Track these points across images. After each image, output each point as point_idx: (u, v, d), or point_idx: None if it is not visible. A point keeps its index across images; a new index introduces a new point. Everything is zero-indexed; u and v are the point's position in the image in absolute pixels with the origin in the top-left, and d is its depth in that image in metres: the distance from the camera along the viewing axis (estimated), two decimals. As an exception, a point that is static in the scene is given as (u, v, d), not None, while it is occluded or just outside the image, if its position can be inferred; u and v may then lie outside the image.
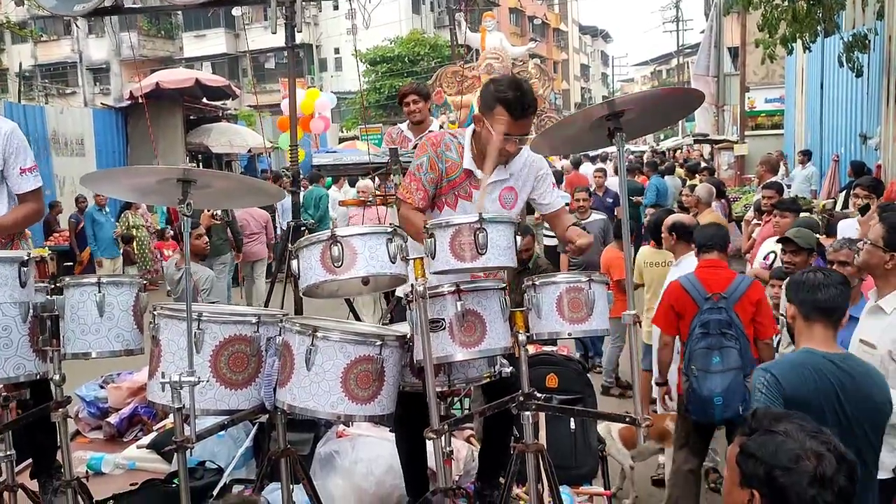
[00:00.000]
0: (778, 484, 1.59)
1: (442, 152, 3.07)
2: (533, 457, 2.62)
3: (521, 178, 3.13)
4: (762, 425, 1.68)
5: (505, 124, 2.87)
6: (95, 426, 4.32)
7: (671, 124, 13.65)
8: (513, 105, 2.84)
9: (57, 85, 38.40)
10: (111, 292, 2.72)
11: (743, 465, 1.65)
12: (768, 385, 2.70)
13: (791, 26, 9.88)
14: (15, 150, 3.47)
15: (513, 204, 3.11)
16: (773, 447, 1.62)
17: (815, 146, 14.72)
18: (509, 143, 2.90)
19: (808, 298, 2.78)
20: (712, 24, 22.91)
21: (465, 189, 3.06)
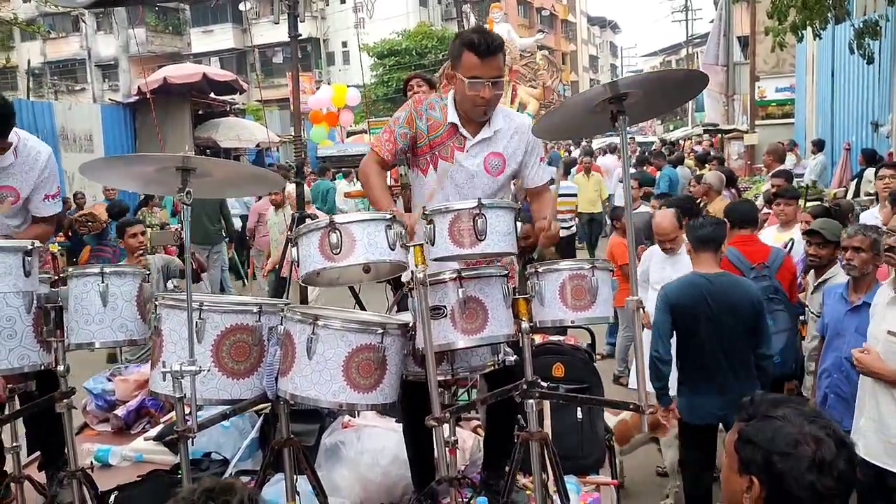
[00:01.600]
0: (776, 469, 1.56)
1: (424, 110, 3.06)
2: (537, 445, 2.60)
3: (510, 143, 3.08)
4: (760, 411, 1.65)
5: (473, 67, 2.85)
6: (103, 419, 4.33)
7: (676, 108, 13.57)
8: (476, 44, 2.83)
9: (66, 82, 38.59)
10: (114, 282, 2.73)
11: (741, 452, 1.63)
12: (662, 299, 4.05)
13: (801, 13, 9.78)
14: (46, 179, 3.51)
15: (499, 171, 3.06)
16: (771, 432, 1.59)
17: (826, 135, 14.60)
18: (482, 87, 2.87)
19: (694, 235, 4.13)
20: (721, 12, 22.73)
21: (447, 149, 3.04)
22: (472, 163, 3.03)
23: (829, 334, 4.02)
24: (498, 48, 2.88)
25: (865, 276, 3.88)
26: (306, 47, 38.38)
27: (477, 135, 3.03)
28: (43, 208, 3.54)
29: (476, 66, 2.87)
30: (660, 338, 3.99)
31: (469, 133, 3.04)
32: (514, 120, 3.13)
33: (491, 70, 2.88)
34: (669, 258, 5.19)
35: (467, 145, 3.04)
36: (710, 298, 3.94)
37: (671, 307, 3.97)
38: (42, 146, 3.55)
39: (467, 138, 3.03)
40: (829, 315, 4.07)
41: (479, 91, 2.89)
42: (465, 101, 2.97)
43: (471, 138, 3.04)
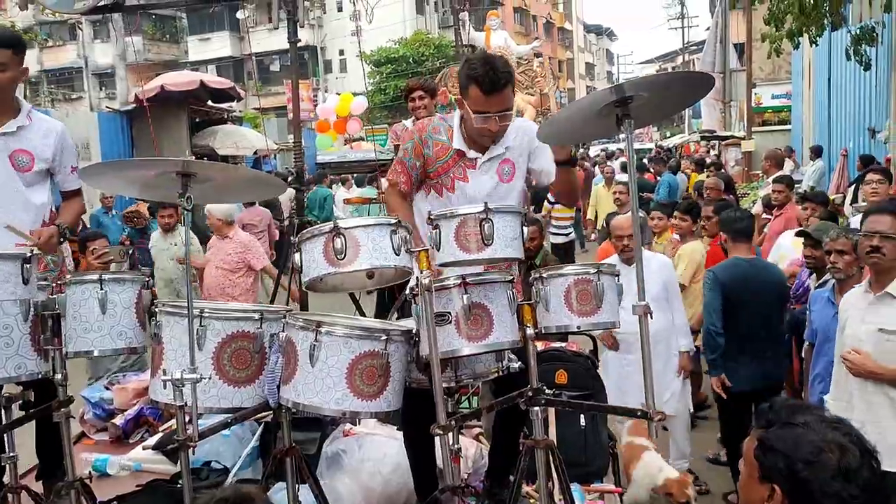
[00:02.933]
0: (800, 478, 1.53)
1: (428, 137, 3.04)
2: (543, 453, 2.57)
3: (516, 149, 3.06)
4: (780, 418, 1.62)
5: (479, 102, 2.82)
6: (101, 428, 4.29)
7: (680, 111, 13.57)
8: (483, 81, 2.79)
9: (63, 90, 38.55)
10: (113, 289, 2.69)
11: (762, 459, 1.59)
12: (711, 278, 4.67)
13: (798, 20, 9.80)
14: (67, 150, 3.58)
15: (510, 177, 3.04)
16: (793, 440, 1.56)
17: (824, 141, 14.62)
18: (489, 121, 2.84)
19: (731, 227, 4.87)
20: (718, 19, 22.78)
21: (460, 170, 3.02)
22: (485, 177, 3.02)
23: (819, 339, 4.01)
24: (505, 84, 2.82)
25: (851, 278, 3.88)
26: (304, 55, 38.42)
27: (486, 152, 3.01)
28: (72, 181, 3.59)
29: (482, 101, 2.83)
30: (713, 312, 4.60)
31: (478, 153, 3.02)
32: (522, 127, 3.11)
33: (497, 105, 2.84)
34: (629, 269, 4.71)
35: (478, 163, 3.02)
36: (750, 278, 4.67)
37: (721, 284, 4.60)
38: (57, 122, 3.66)
39: (477, 158, 3.02)
40: (817, 321, 4.06)
41: (486, 125, 2.86)
42: (472, 130, 2.96)
43: (481, 157, 3.02)
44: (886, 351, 3.20)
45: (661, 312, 4.58)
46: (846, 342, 3.39)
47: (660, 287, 4.67)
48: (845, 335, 3.42)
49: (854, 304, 3.41)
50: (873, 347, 3.25)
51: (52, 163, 3.52)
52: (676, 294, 4.95)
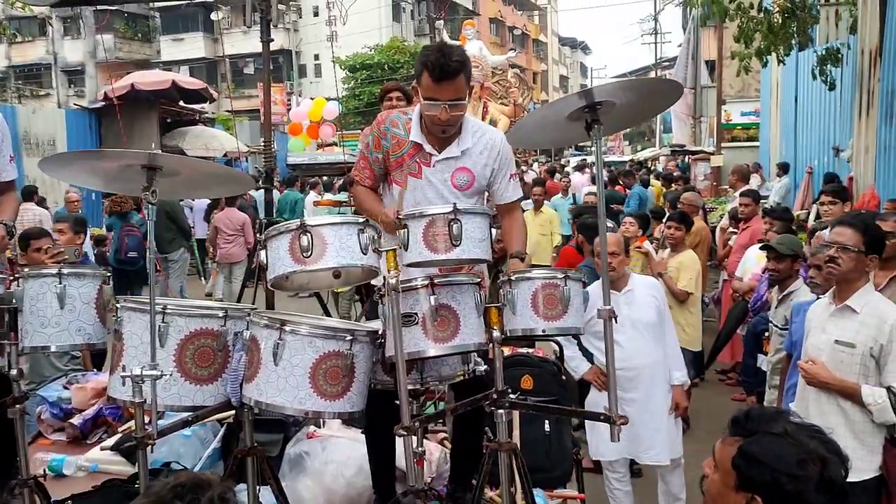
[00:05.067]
0: (785, 490, 1.53)
1: (387, 129, 3.03)
2: (506, 456, 2.56)
3: (479, 158, 3.03)
4: (759, 426, 1.62)
5: (429, 89, 2.81)
6: (58, 427, 4.19)
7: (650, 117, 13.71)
8: (433, 66, 2.78)
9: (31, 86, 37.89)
10: (73, 284, 2.63)
11: (744, 469, 1.59)
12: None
13: (766, 39, 9.99)
14: (6, 137, 3.48)
15: (467, 186, 3.01)
16: (777, 451, 1.57)
17: (790, 158, 14.88)
18: (438, 109, 2.82)
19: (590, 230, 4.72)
20: (690, 36, 23.16)
21: (414, 165, 3.00)
22: (438, 178, 3.00)
23: (798, 353, 4.05)
24: (455, 72, 2.79)
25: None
26: (278, 59, 38.21)
27: (443, 151, 2.99)
28: (9, 170, 3.50)
29: (432, 88, 2.82)
30: None
31: (434, 150, 2.99)
32: (486, 135, 3.08)
33: (447, 93, 2.81)
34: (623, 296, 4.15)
35: (433, 161, 3.00)
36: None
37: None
38: None
39: (433, 154, 2.99)
40: (797, 332, 4.10)
41: (436, 112, 2.84)
42: (426, 119, 2.95)
43: (436, 154, 3.00)
44: (839, 362, 3.26)
45: (657, 343, 4.13)
46: (808, 351, 3.44)
47: (655, 313, 4.17)
48: (807, 344, 3.47)
49: (818, 314, 3.47)
50: (828, 358, 3.30)
51: None
52: (668, 319, 4.34)
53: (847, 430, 3.19)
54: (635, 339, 4.04)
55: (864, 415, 3.19)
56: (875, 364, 3.19)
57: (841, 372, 3.25)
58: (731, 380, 7.33)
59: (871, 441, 3.19)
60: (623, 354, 4.04)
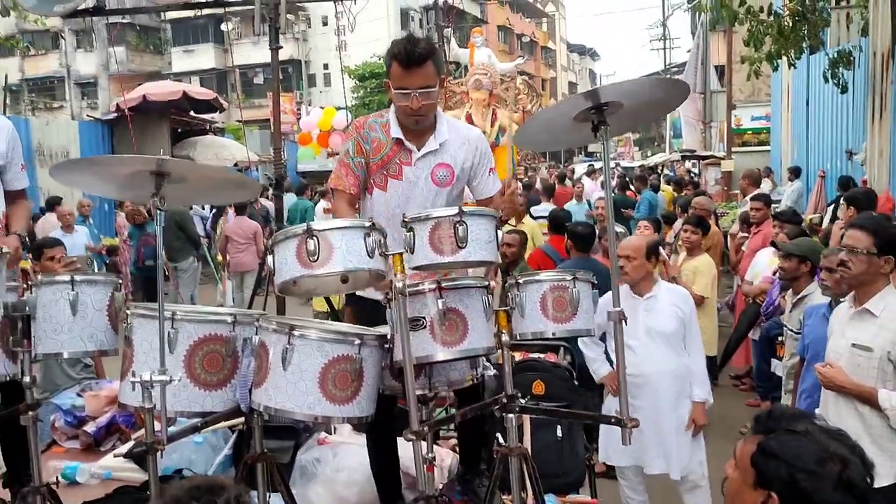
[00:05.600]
0: (800, 487, 1.51)
1: (366, 134, 3.04)
2: (517, 461, 2.55)
3: (458, 152, 3.05)
4: (780, 425, 1.60)
5: (398, 77, 2.83)
6: (72, 435, 4.21)
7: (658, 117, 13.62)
8: (400, 55, 2.81)
9: (44, 99, 38.25)
10: (85, 291, 2.65)
11: (762, 465, 1.57)
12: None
13: (777, 42, 9.95)
14: (17, 145, 3.53)
15: (448, 181, 3.03)
16: (796, 448, 1.54)
17: (802, 162, 14.80)
18: (409, 98, 2.84)
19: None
20: (699, 41, 23.10)
21: (394, 167, 3.01)
22: (419, 175, 3.02)
23: (810, 355, 4.02)
24: (424, 57, 2.83)
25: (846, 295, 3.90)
26: (288, 69, 38.41)
27: (422, 147, 3.01)
28: (21, 178, 3.55)
29: (401, 77, 2.84)
30: None
31: (414, 146, 3.01)
32: (462, 131, 3.11)
33: (417, 80, 2.84)
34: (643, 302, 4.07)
35: (413, 158, 3.02)
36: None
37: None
38: (3, 118, 3.62)
39: (412, 151, 3.01)
40: (810, 335, 4.08)
41: (407, 102, 2.86)
42: (398, 112, 2.97)
43: (416, 151, 3.02)
44: (857, 366, 3.22)
45: (675, 353, 4.02)
46: (828, 355, 3.41)
47: (676, 323, 4.03)
48: (828, 348, 3.45)
49: (840, 318, 3.44)
50: (846, 362, 3.27)
51: (5, 158, 3.45)
52: (694, 333, 4.13)
53: (865, 435, 3.15)
54: (648, 346, 3.99)
55: (881, 420, 3.14)
56: (893, 368, 3.15)
57: (858, 376, 3.21)
58: (745, 385, 7.28)
59: (889, 447, 3.13)
60: (634, 360, 4.01)
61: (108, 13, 4.59)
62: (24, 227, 3.53)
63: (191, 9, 5.47)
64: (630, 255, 4.06)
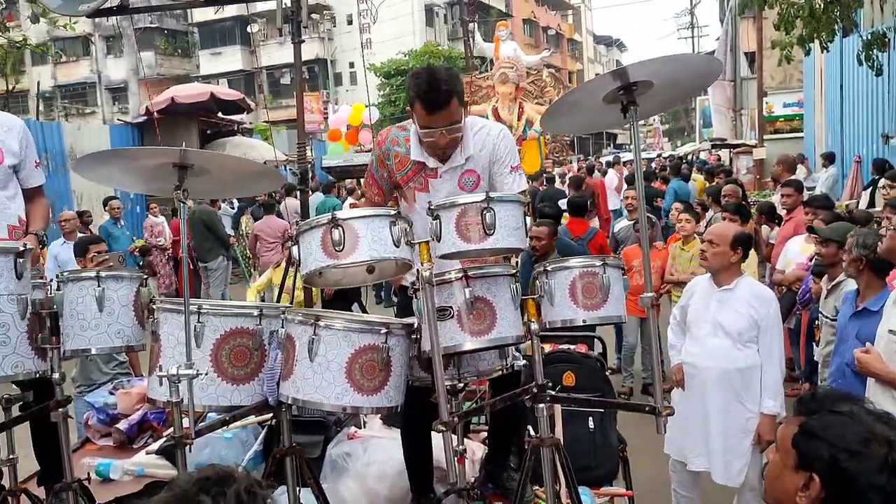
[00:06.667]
0: (842, 468, 1.45)
1: (388, 149, 3.05)
2: (549, 452, 2.50)
3: (481, 156, 3.02)
4: (824, 406, 1.53)
5: (423, 118, 2.82)
6: (105, 433, 4.25)
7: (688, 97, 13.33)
8: (423, 100, 2.78)
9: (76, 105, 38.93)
10: (111, 286, 2.65)
11: (803, 446, 1.51)
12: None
13: (808, 25, 9.72)
14: (30, 145, 3.55)
15: (474, 185, 3.00)
16: (839, 429, 1.48)
17: (836, 147, 14.51)
18: (435, 135, 2.83)
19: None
20: (728, 28, 22.75)
21: (420, 181, 3.01)
22: (446, 186, 3.00)
23: (837, 339, 3.97)
24: (447, 101, 2.79)
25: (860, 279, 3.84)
26: (314, 68, 38.66)
27: (447, 162, 2.99)
28: (37, 176, 3.57)
29: (426, 118, 2.83)
30: None
31: (439, 163, 2.99)
32: (483, 130, 3.06)
33: (442, 120, 2.82)
34: (718, 293, 3.91)
35: (439, 172, 3.00)
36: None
37: None
38: (11, 117, 3.60)
39: (438, 167, 2.99)
40: (841, 319, 4.02)
41: (434, 139, 2.86)
42: (424, 145, 2.95)
43: (442, 166, 2.99)
44: (893, 352, 3.15)
45: (739, 353, 3.80)
46: (876, 341, 3.34)
47: (745, 322, 3.80)
48: (878, 333, 3.37)
49: (888, 303, 3.36)
50: (884, 348, 3.20)
51: (19, 157, 3.46)
52: (772, 341, 3.83)
53: None
54: (709, 339, 3.86)
55: None
56: None
57: (893, 362, 3.13)
58: (783, 376, 7.12)
59: None
60: (693, 349, 3.93)
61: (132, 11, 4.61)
62: (42, 226, 3.54)
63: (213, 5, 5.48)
64: (713, 241, 3.89)
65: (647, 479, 4.83)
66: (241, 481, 1.25)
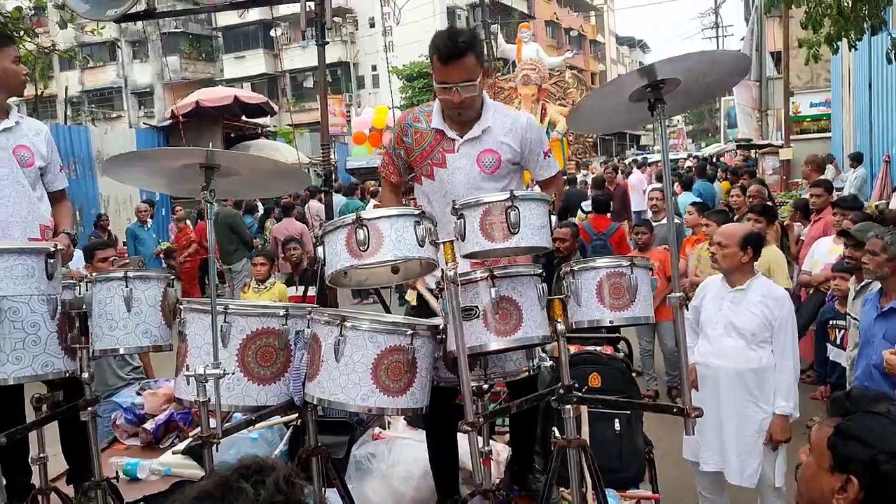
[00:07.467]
0: (882, 470, 1.42)
1: (408, 125, 3.06)
2: (575, 453, 2.47)
3: (505, 139, 3.00)
4: (859, 406, 1.50)
5: (440, 72, 2.81)
6: (133, 433, 4.29)
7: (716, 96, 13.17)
8: (440, 49, 2.78)
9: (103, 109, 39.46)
10: (138, 287, 2.67)
11: (840, 448, 1.48)
12: None
13: (836, 23, 9.57)
14: (55, 148, 3.62)
15: (495, 167, 2.97)
16: (878, 430, 1.45)
17: (865, 147, 14.28)
18: (450, 92, 2.82)
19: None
20: (753, 27, 22.52)
21: (438, 155, 2.99)
22: (464, 163, 2.98)
23: (861, 341, 3.91)
24: (463, 51, 2.78)
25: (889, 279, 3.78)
26: (336, 71, 38.83)
27: (465, 134, 2.98)
28: (62, 179, 3.64)
29: (442, 71, 2.82)
30: None
31: (457, 134, 2.98)
32: (509, 117, 3.05)
33: (457, 74, 2.81)
34: (731, 293, 3.88)
35: (456, 146, 2.98)
36: None
37: None
38: (35, 121, 3.68)
39: (455, 140, 2.98)
40: (862, 323, 3.96)
41: (449, 95, 2.85)
42: (442, 104, 2.95)
43: (459, 139, 2.98)
44: None
45: (752, 353, 3.77)
46: None
47: (759, 322, 3.76)
48: None
49: None
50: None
51: (46, 160, 3.53)
52: (786, 341, 3.79)
53: None
54: (722, 338, 3.83)
55: None
56: None
57: None
58: (809, 378, 7.03)
59: None
60: (706, 349, 3.90)
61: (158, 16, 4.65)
62: (69, 225, 3.60)
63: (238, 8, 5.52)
64: (722, 243, 3.87)
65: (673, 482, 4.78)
66: (280, 470, 1.26)
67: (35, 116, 3.75)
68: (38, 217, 3.43)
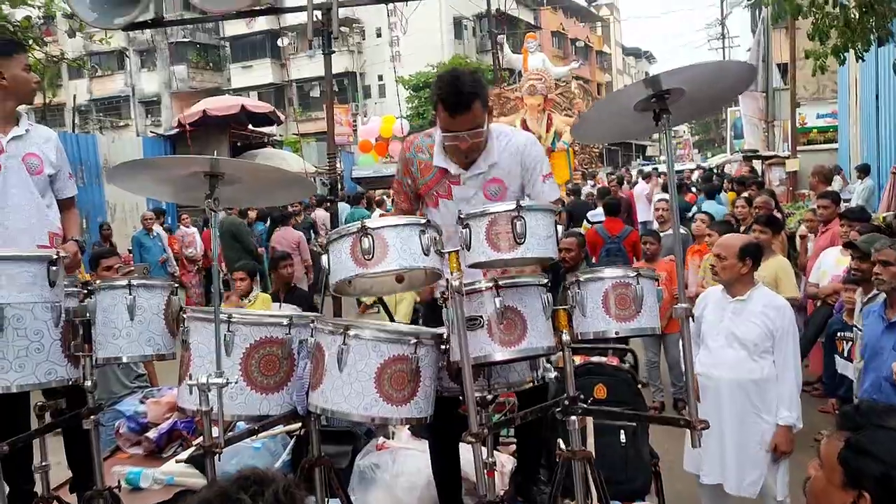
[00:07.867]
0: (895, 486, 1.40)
1: (413, 156, 3.05)
2: (580, 465, 2.45)
3: (506, 166, 2.98)
4: (870, 420, 1.49)
5: (446, 121, 2.80)
6: (135, 441, 4.28)
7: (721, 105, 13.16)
8: (445, 102, 2.76)
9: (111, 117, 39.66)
10: (142, 295, 2.67)
11: (852, 463, 1.46)
12: None
13: (843, 35, 9.56)
14: (64, 158, 3.63)
15: (501, 195, 2.96)
16: (891, 445, 1.44)
17: (872, 159, 14.24)
18: (458, 139, 2.81)
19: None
20: (760, 38, 22.51)
21: (443, 187, 2.99)
22: (469, 193, 2.97)
23: (868, 354, 3.88)
24: (469, 102, 2.76)
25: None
26: (343, 81, 38.95)
27: (470, 168, 2.96)
28: (70, 186, 3.65)
29: (449, 121, 2.81)
30: None
31: (462, 170, 2.97)
32: (511, 141, 3.01)
33: (465, 124, 2.79)
34: (731, 304, 3.87)
35: (462, 178, 2.97)
36: None
37: None
38: (44, 128, 3.69)
39: (461, 174, 2.97)
40: (867, 335, 3.94)
41: (457, 143, 2.83)
42: (448, 149, 2.93)
43: (464, 172, 2.97)
44: None
45: (754, 363, 3.75)
46: None
47: (760, 332, 3.75)
48: None
49: None
50: None
51: (56, 167, 3.54)
52: (788, 351, 3.77)
53: None
54: (724, 349, 3.81)
55: None
56: None
57: None
58: (816, 391, 6.98)
59: None
60: (708, 360, 3.88)
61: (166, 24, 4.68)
62: (77, 233, 3.61)
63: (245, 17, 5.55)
64: (721, 255, 3.86)
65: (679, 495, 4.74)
66: (279, 482, 1.25)
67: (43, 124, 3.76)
68: (47, 224, 3.44)
